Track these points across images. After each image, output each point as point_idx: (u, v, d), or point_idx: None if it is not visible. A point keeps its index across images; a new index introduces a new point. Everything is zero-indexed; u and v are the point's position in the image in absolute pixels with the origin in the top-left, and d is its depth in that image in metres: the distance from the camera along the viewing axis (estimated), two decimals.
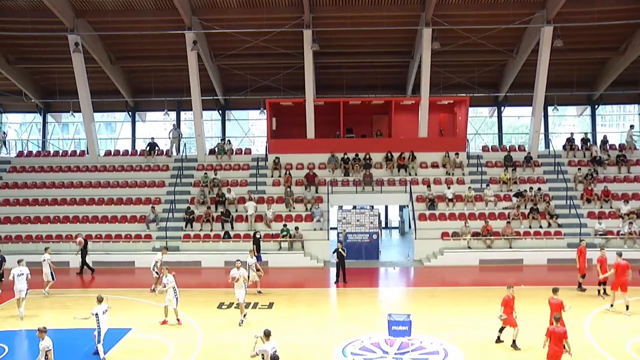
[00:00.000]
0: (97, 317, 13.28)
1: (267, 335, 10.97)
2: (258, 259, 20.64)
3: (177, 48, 27.49)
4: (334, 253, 21.47)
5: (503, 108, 33.00)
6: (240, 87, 31.04)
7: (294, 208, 26.48)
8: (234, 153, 30.25)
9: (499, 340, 13.99)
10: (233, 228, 25.44)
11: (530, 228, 25.04)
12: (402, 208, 32.92)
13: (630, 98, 33.40)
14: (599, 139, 30.27)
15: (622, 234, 24.31)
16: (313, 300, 18.78)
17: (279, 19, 26.37)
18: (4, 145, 31.88)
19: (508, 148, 30.01)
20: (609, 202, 26.24)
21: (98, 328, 13.29)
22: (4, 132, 32.83)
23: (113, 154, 30.93)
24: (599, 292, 18.34)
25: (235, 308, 16.97)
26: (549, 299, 13.37)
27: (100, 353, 13.37)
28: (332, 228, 26.65)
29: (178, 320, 15.87)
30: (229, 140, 31.01)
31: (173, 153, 30.29)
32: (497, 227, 24.87)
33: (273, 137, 29.47)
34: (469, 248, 24.37)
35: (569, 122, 42.05)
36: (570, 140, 29.66)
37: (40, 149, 32.34)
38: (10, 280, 17.60)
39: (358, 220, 25.62)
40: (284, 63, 29.44)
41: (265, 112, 29.48)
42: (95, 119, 30.89)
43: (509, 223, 24.98)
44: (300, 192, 27.15)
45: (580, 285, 19.24)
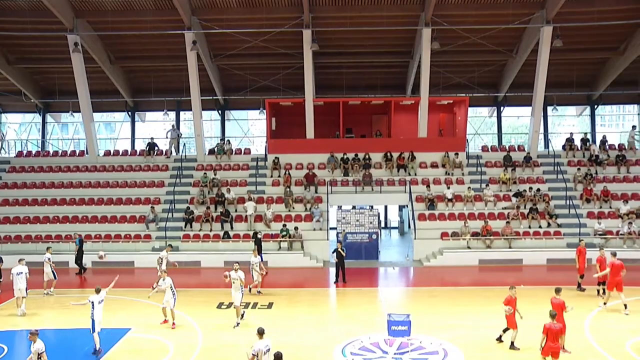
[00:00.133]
0: (92, 305, 13.76)
1: (260, 333, 10.96)
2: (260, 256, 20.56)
3: (176, 48, 27.49)
4: (334, 253, 21.48)
5: (502, 108, 33.00)
6: (240, 87, 31.04)
7: (294, 208, 26.48)
8: (234, 153, 30.24)
9: (500, 340, 14.00)
10: (232, 228, 25.44)
11: (530, 228, 25.05)
12: (401, 208, 32.94)
13: (630, 98, 33.40)
14: (599, 139, 30.29)
15: (621, 234, 24.33)
16: (313, 300, 18.79)
17: (279, 19, 26.38)
18: (3, 146, 31.83)
19: (507, 148, 30.03)
20: (609, 202, 26.25)
21: (92, 316, 13.73)
22: (3, 132, 32.77)
23: (112, 154, 30.93)
24: (599, 292, 18.34)
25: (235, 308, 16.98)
26: (552, 299, 13.36)
27: (96, 343, 13.74)
28: (331, 228, 26.64)
29: (173, 324, 15.60)
30: (229, 140, 31.00)
31: (173, 153, 30.29)
32: (496, 227, 24.88)
33: (272, 137, 29.47)
34: (469, 248, 24.38)
35: (569, 122, 42.03)
36: (570, 140, 29.67)
37: (40, 149, 32.32)
38: (9, 280, 17.70)
39: (357, 220, 25.62)
40: (284, 63, 29.44)
41: (265, 112, 29.48)
42: (95, 119, 30.87)
43: (509, 223, 24.99)
44: (300, 192, 27.16)
45: (580, 285, 19.28)
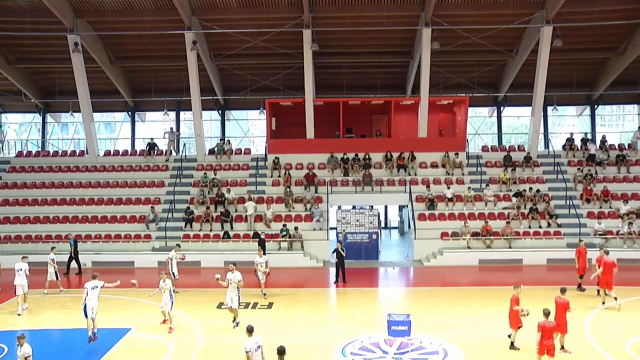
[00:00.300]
0: (86, 291, 14.30)
1: (249, 331, 10.99)
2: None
3: (176, 48, 27.49)
4: (334, 253, 21.47)
5: (502, 108, 33.00)
6: (240, 87, 31.04)
7: (294, 208, 26.48)
8: (234, 153, 30.23)
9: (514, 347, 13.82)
10: (232, 228, 25.43)
11: (530, 228, 25.05)
12: (401, 208, 32.94)
13: (630, 98, 33.39)
14: (599, 139, 30.28)
15: (621, 234, 24.32)
16: (313, 300, 18.79)
17: (279, 19, 26.37)
18: (2, 147, 31.82)
19: (507, 148, 30.01)
20: (609, 202, 26.24)
21: (84, 302, 14.21)
22: (4, 132, 32.73)
23: (112, 154, 30.92)
24: (599, 292, 18.32)
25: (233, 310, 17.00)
26: (556, 298, 13.39)
27: (89, 329, 14.16)
28: (331, 228, 26.64)
29: (170, 328, 15.34)
30: (229, 140, 30.99)
31: (173, 153, 30.29)
32: (496, 227, 24.87)
33: (272, 137, 29.47)
34: (469, 248, 24.38)
35: (569, 122, 42.05)
36: (570, 140, 29.67)
37: (40, 149, 32.31)
38: (8, 280, 17.83)
39: (357, 220, 25.61)
40: (284, 63, 29.44)
41: (265, 112, 29.48)
42: (95, 119, 30.86)
43: (509, 223, 24.99)
44: (300, 192, 27.15)
45: (580, 286, 19.27)
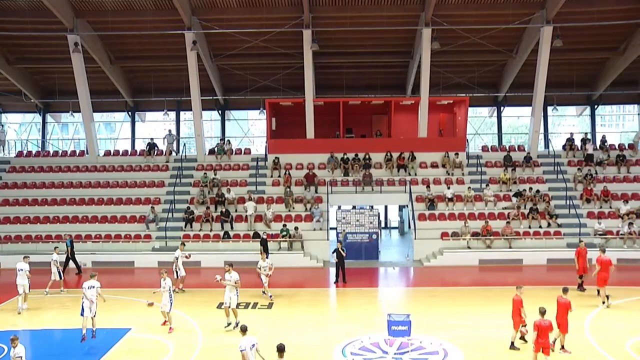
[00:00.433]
0: (83, 290, 14.62)
1: (243, 331, 11.03)
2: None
3: (176, 48, 27.49)
4: (334, 253, 21.47)
5: (503, 108, 33.00)
6: (240, 87, 31.04)
7: (294, 208, 26.48)
8: (234, 153, 30.23)
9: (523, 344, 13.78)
10: (233, 228, 25.43)
11: (530, 228, 25.04)
12: (401, 208, 32.93)
13: (630, 98, 33.38)
14: (599, 139, 30.27)
15: (621, 234, 24.32)
16: (313, 300, 18.78)
17: (279, 19, 26.37)
18: (3, 146, 31.81)
19: (508, 148, 30.01)
20: (609, 202, 26.24)
21: (82, 299, 14.57)
22: (5, 131, 32.70)
23: (113, 154, 30.92)
24: (599, 292, 18.31)
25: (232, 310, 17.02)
26: (558, 298, 13.41)
27: (83, 328, 14.37)
28: (331, 228, 26.63)
29: (170, 328, 15.29)
30: (229, 140, 30.99)
31: (172, 154, 30.29)
32: (496, 227, 24.87)
33: (273, 137, 29.47)
34: (469, 248, 24.38)
35: (569, 122, 42.07)
36: (570, 141, 29.66)
37: (40, 149, 32.32)
38: (7, 280, 17.82)
39: (357, 220, 25.61)
40: (284, 63, 29.44)
41: (265, 112, 29.48)
42: (95, 119, 30.87)
43: (509, 223, 24.99)
44: (300, 192, 27.15)
45: (580, 286, 19.25)
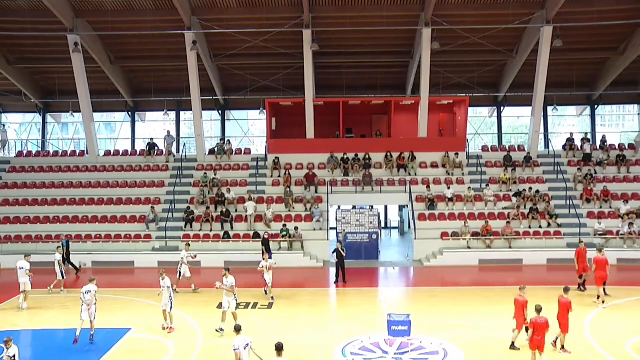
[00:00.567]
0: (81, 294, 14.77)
1: (237, 330, 11.09)
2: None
3: (176, 48, 27.49)
4: (334, 253, 21.47)
5: (503, 108, 33.00)
6: (240, 87, 31.04)
7: (294, 208, 26.48)
8: (234, 153, 30.23)
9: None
10: (233, 228, 25.43)
11: (530, 228, 25.04)
12: (401, 208, 32.93)
13: (630, 98, 33.38)
14: (599, 139, 30.27)
15: (621, 234, 24.31)
16: (313, 300, 18.78)
17: (279, 19, 26.37)
18: (4, 145, 31.80)
19: (508, 148, 30.02)
20: (609, 202, 26.24)
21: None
22: (6, 131, 32.67)
23: (113, 154, 30.93)
24: (599, 296, 18.31)
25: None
26: (559, 297, 13.44)
27: (77, 330, 14.39)
28: (331, 228, 26.64)
29: (171, 328, 15.26)
30: (229, 140, 30.99)
31: (172, 154, 30.28)
32: (496, 227, 24.87)
33: (273, 137, 29.47)
34: (469, 248, 24.38)
35: (569, 122, 42.07)
36: (570, 141, 29.65)
37: (40, 149, 32.32)
38: (7, 281, 17.87)
39: (358, 220, 25.61)
40: (284, 63, 29.44)
41: (265, 112, 29.48)
42: (95, 119, 30.88)
43: (509, 223, 24.98)
44: (300, 192, 27.15)
45: (581, 286, 19.24)
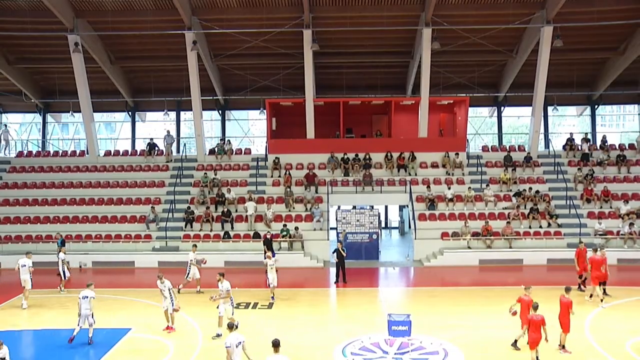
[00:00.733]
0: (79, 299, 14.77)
1: (230, 328, 11.12)
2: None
3: (177, 48, 27.49)
4: (334, 253, 21.47)
5: (503, 108, 32.99)
6: (240, 87, 31.04)
7: (294, 208, 26.48)
8: (234, 153, 30.23)
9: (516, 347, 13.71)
10: (233, 228, 25.43)
11: (530, 228, 25.04)
12: (402, 208, 32.93)
13: (630, 98, 33.36)
14: (599, 139, 30.26)
15: (622, 234, 24.30)
16: (313, 300, 18.79)
17: (279, 19, 26.37)
18: (7, 146, 31.78)
19: (508, 148, 30.01)
20: (609, 202, 26.23)
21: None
22: (7, 130, 32.63)
23: (113, 154, 30.93)
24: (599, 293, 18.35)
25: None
26: (560, 297, 13.47)
27: (75, 331, 14.41)
28: (331, 228, 26.64)
29: (172, 328, 15.22)
30: (229, 140, 30.99)
31: (172, 154, 30.29)
32: (497, 227, 24.87)
33: (273, 137, 29.47)
34: (469, 248, 24.37)
35: (569, 122, 42.06)
36: (571, 141, 29.65)
37: (40, 149, 32.33)
38: (8, 280, 17.86)
39: (358, 220, 25.61)
40: (284, 63, 29.44)
41: (265, 112, 29.48)
42: (95, 119, 30.88)
43: (509, 223, 24.98)
44: (300, 192, 27.15)
45: (582, 286, 19.24)
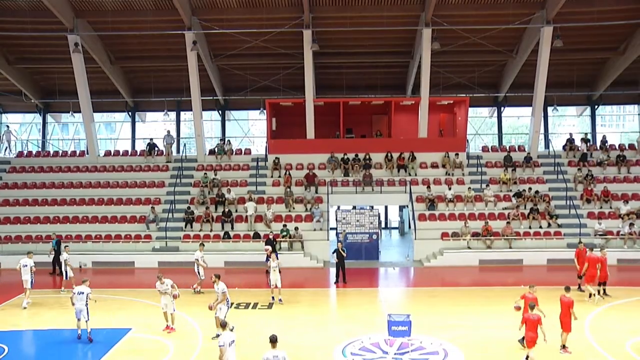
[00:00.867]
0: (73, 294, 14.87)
1: (223, 326, 11.13)
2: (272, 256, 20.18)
3: (177, 48, 27.49)
4: (334, 253, 21.46)
5: (503, 108, 32.99)
6: (240, 87, 31.03)
7: (294, 208, 26.47)
8: (234, 153, 30.23)
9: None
10: (233, 228, 25.43)
11: (530, 228, 25.04)
12: (401, 208, 32.92)
13: (630, 98, 33.34)
14: (599, 139, 30.26)
15: (622, 235, 24.30)
16: (313, 300, 18.79)
17: (279, 19, 26.37)
18: (9, 147, 31.78)
19: (508, 148, 30.03)
20: (609, 202, 26.23)
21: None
22: (9, 131, 32.61)
23: (113, 154, 30.93)
24: (599, 292, 18.34)
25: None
26: (561, 297, 13.47)
27: (78, 328, 14.64)
28: (331, 228, 26.63)
29: (172, 328, 15.21)
30: (229, 141, 30.99)
31: (172, 154, 30.29)
32: (497, 227, 24.86)
33: (273, 137, 29.47)
34: (469, 248, 24.37)
35: (569, 122, 42.06)
36: (570, 141, 29.65)
37: (40, 149, 32.33)
38: (8, 280, 17.87)
39: (358, 221, 25.61)
40: (284, 63, 29.44)
41: (265, 112, 29.48)
42: (95, 119, 30.88)
43: (509, 223, 24.98)
44: (300, 192, 27.14)
45: (580, 287, 19.24)
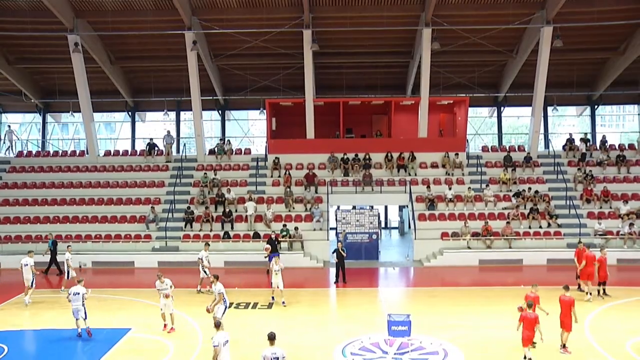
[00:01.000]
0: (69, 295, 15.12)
1: (217, 326, 11.16)
2: (273, 256, 20.08)
3: (177, 48, 27.49)
4: (334, 253, 21.47)
5: (503, 108, 32.99)
6: (240, 87, 31.03)
7: (294, 208, 26.47)
8: (234, 153, 30.22)
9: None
10: (233, 228, 25.43)
11: (530, 228, 25.03)
12: (401, 208, 32.93)
13: (630, 98, 33.34)
14: (599, 139, 30.26)
15: (621, 234, 24.30)
16: (313, 300, 18.79)
17: (279, 19, 26.37)
18: (11, 147, 31.77)
19: (508, 148, 30.02)
20: (609, 202, 26.23)
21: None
22: (12, 131, 32.57)
23: (113, 154, 30.92)
24: (599, 292, 18.37)
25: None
26: (561, 296, 13.46)
27: (78, 327, 14.83)
28: (331, 228, 26.63)
29: (172, 328, 15.23)
30: (229, 141, 30.98)
31: (172, 154, 30.29)
32: (496, 227, 24.86)
33: (273, 137, 29.47)
34: (469, 248, 24.37)
35: (569, 122, 42.07)
36: (570, 141, 29.65)
37: (40, 149, 32.32)
38: (8, 280, 17.90)
39: (358, 221, 25.60)
40: (284, 63, 29.43)
41: (265, 112, 29.48)
42: (95, 119, 30.86)
43: (509, 223, 24.98)
44: (300, 192, 27.14)
45: (580, 287, 19.23)
